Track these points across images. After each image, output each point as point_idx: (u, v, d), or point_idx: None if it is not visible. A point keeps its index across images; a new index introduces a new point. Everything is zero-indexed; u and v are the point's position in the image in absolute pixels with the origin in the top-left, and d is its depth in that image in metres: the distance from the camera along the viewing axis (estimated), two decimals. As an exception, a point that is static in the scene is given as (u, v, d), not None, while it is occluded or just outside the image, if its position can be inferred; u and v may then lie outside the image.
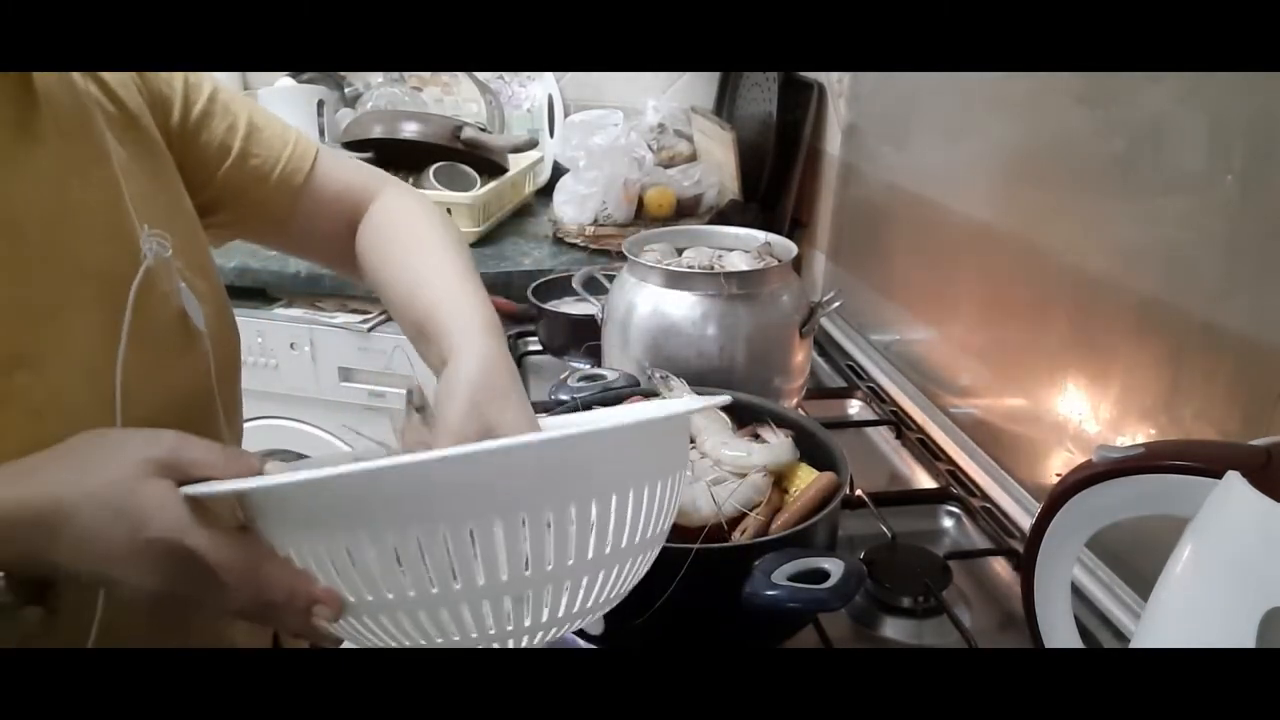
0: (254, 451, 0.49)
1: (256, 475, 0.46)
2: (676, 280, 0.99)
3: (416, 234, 0.70)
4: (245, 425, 0.72)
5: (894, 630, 0.78)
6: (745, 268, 1.01)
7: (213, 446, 0.47)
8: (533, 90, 1.94)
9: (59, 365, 0.53)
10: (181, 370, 0.60)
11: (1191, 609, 0.48)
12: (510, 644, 0.46)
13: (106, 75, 0.59)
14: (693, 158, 1.72)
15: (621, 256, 1.05)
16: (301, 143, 0.72)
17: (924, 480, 1.03)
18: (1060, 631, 0.60)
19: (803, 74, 1.53)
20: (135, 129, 0.60)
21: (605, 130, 1.76)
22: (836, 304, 1.04)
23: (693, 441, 0.80)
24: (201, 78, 0.67)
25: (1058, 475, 0.78)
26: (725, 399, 0.58)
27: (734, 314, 0.97)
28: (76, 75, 0.56)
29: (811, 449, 0.81)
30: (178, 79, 0.65)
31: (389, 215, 0.73)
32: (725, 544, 0.68)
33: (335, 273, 0.80)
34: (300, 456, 1.63)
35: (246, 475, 0.46)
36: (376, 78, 1.87)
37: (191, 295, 0.60)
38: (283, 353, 1.51)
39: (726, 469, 0.75)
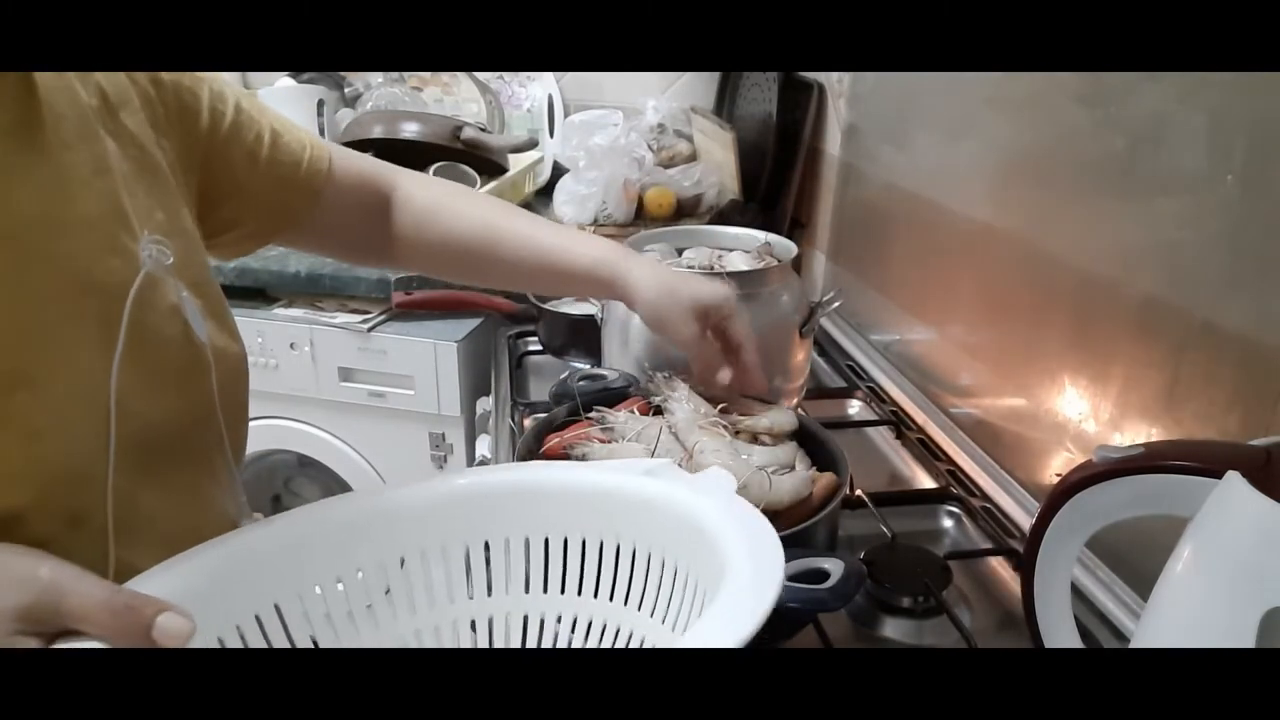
0: (152, 599, 0.42)
1: (146, 630, 0.41)
2: (676, 280, 0.98)
3: (483, 210, 0.83)
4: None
5: (894, 630, 0.78)
6: (745, 268, 1.01)
7: (97, 590, 0.42)
8: (533, 90, 1.94)
9: (58, 384, 0.51)
10: (183, 388, 0.58)
11: (1191, 609, 0.48)
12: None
13: (108, 89, 0.57)
14: (693, 158, 1.72)
15: (621, 256, 1.05)
16: (317, 143, 0.75)
17: (924, 480, 1.03)
18: (1060, 631, 0.60)
19: (803, 74, 1.53)
20: (136, 145, 0.58)
21: (605, 130, 1.76)
22: (836, 304, 1.04)
23: (680, 440, 0.79)
24: (224, 87, 0.67)
25: (1058, 475, 0.78)
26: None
27: (734, 314, 0.97)
28: (79, 86, 0.55)
29: (811, 449, 0.81)
30: (202, 89, 0.65)
31: (435, 199, 0.81)
32: (725, 544, 0.68)
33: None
34: (301, 456, 1.63)
35: (133, 633, 0.41)
36: (376, 78, 1.87)
37: (194, 304, 0.58)
38: (283, 353, 1.52)
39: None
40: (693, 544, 0.50)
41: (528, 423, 1.00)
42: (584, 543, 0.56)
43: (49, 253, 0.51)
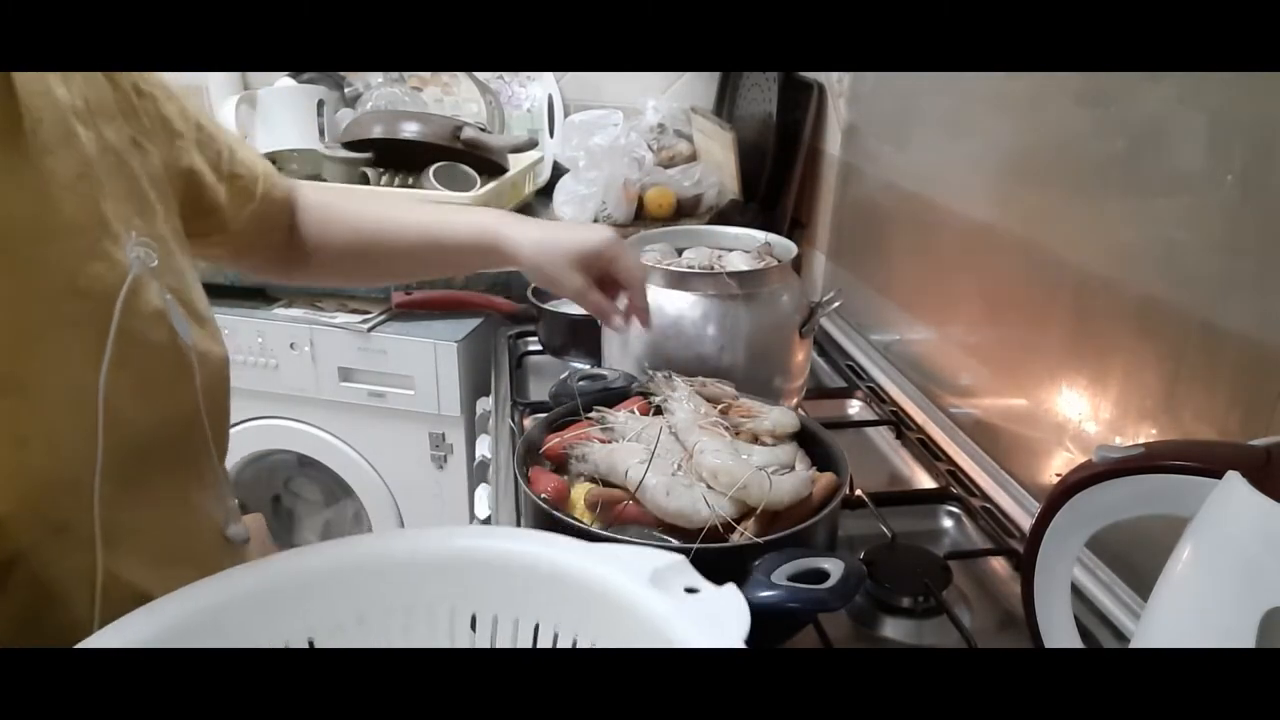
0: None
1: None
2: (676, 280, 0.99)
3: (373, 203, 0.89)
4: (245, 426, 0.71)
5: (894, 630, 0.78)
6: (745, 268, 1.01)
7: None
8: (533, 90, 1.94)
9: (46, 390, 0.50)
10: (170, 392, 0.58)
11: (1191, 609, 0.48)
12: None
13: (88, 92, 0.57)
14: (693, 158, 1.72)
15: (621, 256, 1.05)
16: (261, 158, 0.77)
17: (924, 480, 1.03)
18: (1060, 631, 0.60)
19: (803, 74, 1.53)
20: (113, 151, 0.58)
21: (605, 130, 1.76)
22: (836, 304, 1.04)
23: (681, 440, 0.79)
24: (186, 104, 0.67)
25: (1058, 475, 0.78)
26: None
27: (734, 314, 0.98)
28: (58, 88, 0.54)
29: (812, 449, 0.81)
30: (173, 104, 0.65)
31: (328, 200, 0.84)
32: (724, 544, 0.68)
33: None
34: (301, 456, 1.63)
35: None
36: (376, 78, 1.87)
37: (178, 306, 0.58)
38: (283, 353, 1.51)
39: (722, 483, 0.72)
40: None
41: (528, 423, 1.00)
42: (575, 641, 0.51)
43: (35, 258, 0.51)
